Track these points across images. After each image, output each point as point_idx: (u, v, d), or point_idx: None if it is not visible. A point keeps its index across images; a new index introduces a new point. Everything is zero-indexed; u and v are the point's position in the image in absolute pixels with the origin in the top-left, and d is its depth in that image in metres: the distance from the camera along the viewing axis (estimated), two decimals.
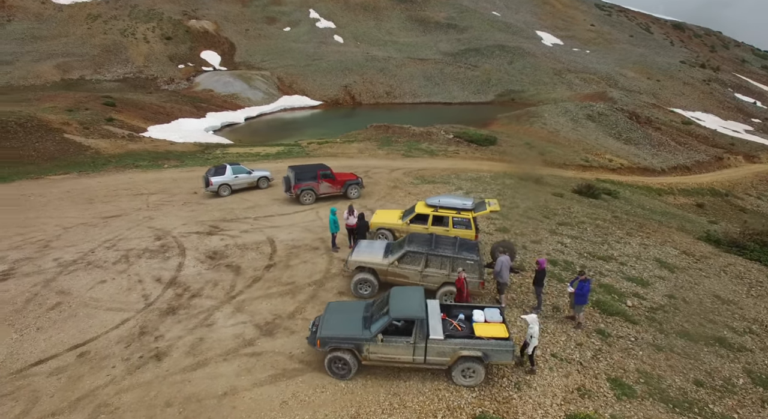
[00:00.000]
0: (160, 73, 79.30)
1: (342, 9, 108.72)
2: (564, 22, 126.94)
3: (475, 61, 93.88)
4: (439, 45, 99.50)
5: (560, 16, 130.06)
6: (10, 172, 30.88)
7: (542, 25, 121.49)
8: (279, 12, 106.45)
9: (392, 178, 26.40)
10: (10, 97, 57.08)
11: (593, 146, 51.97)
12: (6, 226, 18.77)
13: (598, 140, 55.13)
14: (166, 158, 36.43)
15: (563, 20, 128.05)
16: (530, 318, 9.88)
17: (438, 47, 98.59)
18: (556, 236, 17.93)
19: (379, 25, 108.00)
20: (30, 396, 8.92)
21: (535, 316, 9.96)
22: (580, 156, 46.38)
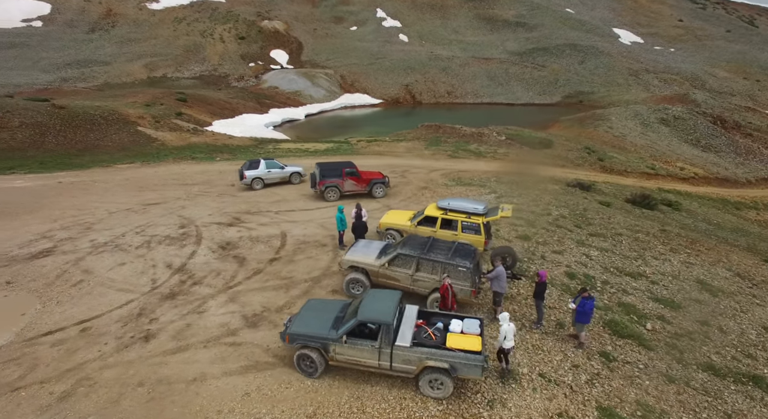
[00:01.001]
0: (232, 71, 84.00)
1: (409, 8, 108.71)
2: (647, 18, 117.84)
3: (542, 60, 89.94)
4: (505, 44, 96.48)
5: (643, 12, 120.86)
6: (88, 160, 34.29)
7: (621, 21, 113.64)
8: (347, 12, 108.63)
9: (427, 178, 26.01)
10: (104, 94, 63.36)
11: (663, 152, 47.84)
12: (67, 208, 20.86)
13: (670, 146, 50.69)
14: (221, 151, 38.57)
15: (646, 16, 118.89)
16: (502, 316, 9.58)
17: (504, 46, 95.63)
18: (583, 248, 16.70)
19: (445, 24, 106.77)
20: (30, 363, 9.85)
21: (507, 314, 9.63)
22: (645, 163, 42.87)
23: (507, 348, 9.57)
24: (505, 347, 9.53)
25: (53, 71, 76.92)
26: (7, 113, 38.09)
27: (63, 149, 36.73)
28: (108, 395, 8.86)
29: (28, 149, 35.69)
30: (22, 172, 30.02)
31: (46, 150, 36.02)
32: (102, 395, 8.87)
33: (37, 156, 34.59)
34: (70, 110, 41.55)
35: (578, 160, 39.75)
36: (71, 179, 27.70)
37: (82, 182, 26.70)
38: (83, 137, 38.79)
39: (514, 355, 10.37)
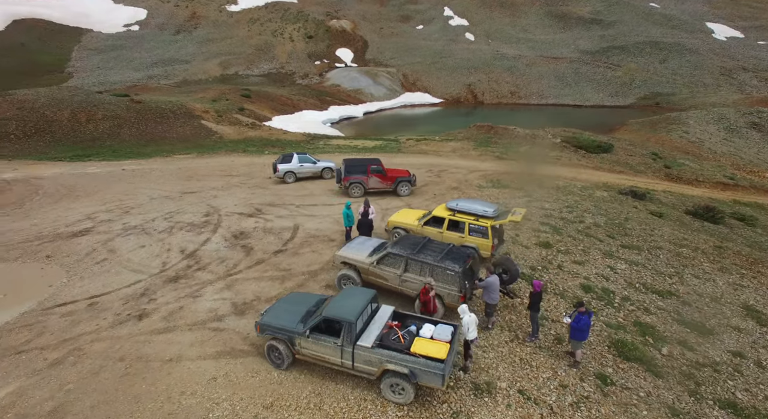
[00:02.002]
0: (298, 68, 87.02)
1: (477, 6, 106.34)
2: (751, 10, 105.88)
3: (618, 59, 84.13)
4: (578, 42, 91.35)
5: (747, 3, 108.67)
6: (152, 150, 37.21)
7: (717, 14, 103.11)
8: (414, 11, 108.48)
9: (462, 179, 25.28)
10: (180, 90, 68.36)
11: (750, 160, 42.88)
12: (119, 193, 22.77)
13: (760, 153, 45.36)
14: (272, 145, 40.13)
15: (750, 7, 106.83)
16: (461, 308, 9.44)
17: (576, 45, 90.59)
18: (610, 260, 15.36)
19: (514, 22, 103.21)
20: (39, 330, 10.83)
21: (466, 306, 9.48)
22: (723, 172, 38.60)
23: (471, 339, 9.42)
24: (469, 338, 9.38)
25: (142, 70, 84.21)
26: (94, 106, 42.31)
27: (135, 139, 40.13)
28: (91, 366, 9.51)
29: (107, 138, 39.39)
30: (97, 159, 33.19)
31: (121, 140, 39.56)
32: (86, 366, 9.54)
33: (112, 145, 38.09)
34: (145, 104, 45.28)
35: (640, 166, 36.70)
36: (133, 167, 30.17)
37: (141, 170, 28.97)
38: (153, 129, 42.12)
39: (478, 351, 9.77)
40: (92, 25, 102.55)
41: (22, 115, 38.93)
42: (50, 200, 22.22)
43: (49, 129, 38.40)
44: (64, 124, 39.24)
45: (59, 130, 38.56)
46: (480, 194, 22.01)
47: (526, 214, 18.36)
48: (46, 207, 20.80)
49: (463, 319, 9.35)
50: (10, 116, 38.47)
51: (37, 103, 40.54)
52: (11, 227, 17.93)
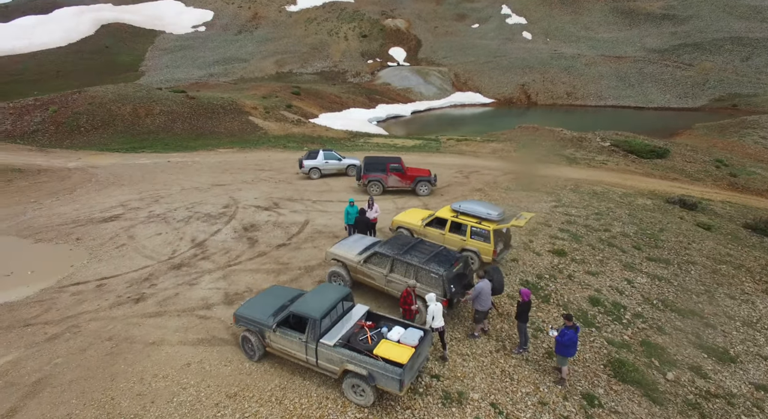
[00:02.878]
0: (351, 67, 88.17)
1: (537, 4, 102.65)
2: None
3: (690, 58, 78.01)
4: (645, 40, 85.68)
5: None
6: (199, 143, 39.17)
7: None
8: (470, 9, 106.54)
9: (491, 181, 24.46)
10: (236, 86, 71.43)
11: None
12: (156, 183, 24.17)
13: None
14: (313, 142, 40.92)
15: None
16: (429, 296, 9.53)
17: (643, 43, 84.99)
18: (629, 272, 14.21)
19: (576, 20, 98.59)
20: (48, 306, 11.70)
21: (433, 295, 9.59)
22: None
23: (436, 328, 9.52)
24: (434, 326, 9.46)
25: (205, 68, 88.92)
26: (153, 102, 45.21)
27: (186, 133, 42.42)
28: (81, 343, 10.12)
29: (161, 132, 41.96)
30: (149, 151, 35.44)
31: (173, 134, 41.98)
32: (77, 342, 10.17)
33: (165, 139, 40.52)
34: (198, 100, 47.75)
35: (699, 174, 33.75)
36: (178, 159, 31.90)
37: (184, 162, 30.57)
38: (203, 124, 44.32)
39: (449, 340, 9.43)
40: (165, 26, 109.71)
41: (92, 109, 42.35)
42: (98, 187, 23.99)
43: (112, 122, 41.50)
44: (126, 118, 42.25)
45: (121, 123, 41.57)
46: (505, 196, 21.19)
47: (546, 219, 17.53)
48: (91, 194, 22.46)
49: (429, 307, 9.36)
50: (82, 110, 41.98)
51: (105, 99, 43.93)
52: (57, 211, 19.53)
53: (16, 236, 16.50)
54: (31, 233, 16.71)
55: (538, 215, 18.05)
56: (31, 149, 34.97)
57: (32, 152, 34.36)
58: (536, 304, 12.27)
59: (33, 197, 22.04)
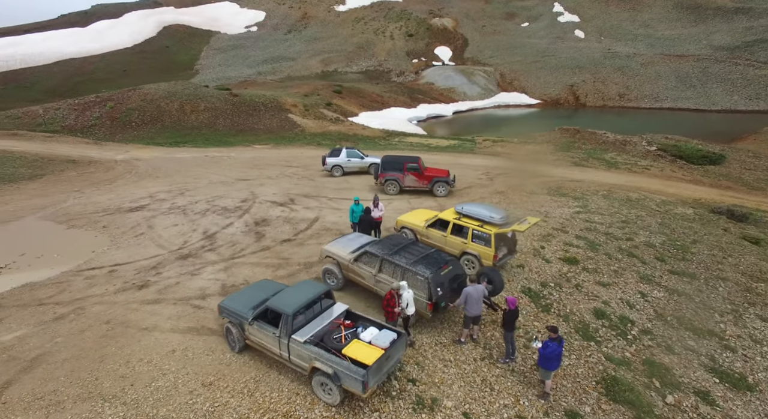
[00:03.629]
0: (395, 66, 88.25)
1: (592, 1, 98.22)
2: None
3: (765, 55, 71.78)
4: (711, 37, 79.88)
5: None
6: (238, 139, 40.61)
7: None
8: (520, 7, 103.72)
9: (515, 184, 23.65)
10: (282, 84, 73.36)
11: None
12: (188, 176, 25.29)
13: None
14: (347, 139, 41.31)
15: None
16: (402, 284, 9.70)
17: (709, 40, 79.27)
18: (645, 285, 13.29)
19: (634, 17, 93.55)
20: (63, 288, 12.51)
21: (405, 283, 9.78)
22: None
23: (409, 314, 9.78)
24: (408, 313, 9.74)
25: (254, 66, 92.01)
26: (199, 99, 47.36)
27: (227, 129, 44.10)
28: (81, 325, 10.75)
29: (204, 128, 43.88)
30: (189, 146, 37.17)
31: (215, 130, 43.77)
32: (78, 323, 10.80)
33: (207, 134, 42.32)
34: (241, 97, 49.47)
35: (758, 183, 31.04)
36: (215, 154, 33.22)
37: (219, 157, 31.79)
38: (244, 121, 45.89)
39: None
40: (220, 27, 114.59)
41: (143, 105, 44.97)
42: (135, 178, 25.43)
43: (161, 118, 43.86)
44: (173, 113, 44.51)
45: (168, 119, 43.85)
46: (526, 200, 20.43)
47: (563, 225, 16.75)
48: (128, 185, 23.84)
49: (403, 295, 9.52)
50: (134, 106, 44.67)
51: (156, 96, 46.49)
52: (93, 200, 20.88)
53: (53, 222, 17.80)
54: (66, 220, 17.95)
55: (555, 221, 17.28)
56: (88, 142, 37.57)
57: (89, 144, 36.91)
58: (534, 313, 11.74)
59: (78, 186, 23.68)
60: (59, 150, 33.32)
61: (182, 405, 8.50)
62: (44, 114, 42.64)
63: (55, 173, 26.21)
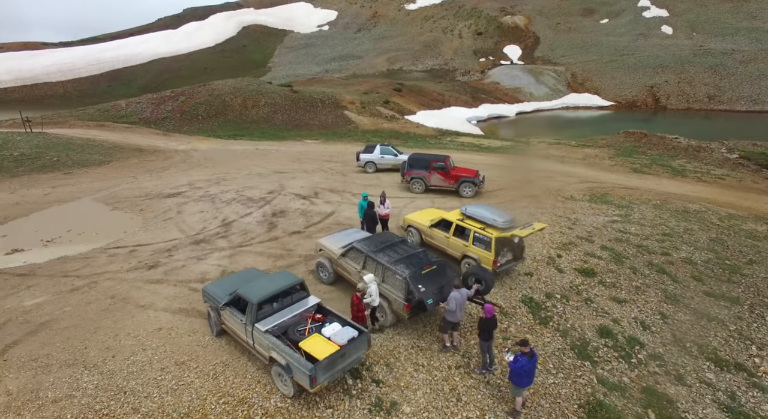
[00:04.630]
0: (461, 65, 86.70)
1: None
2: None
3: None
4: None
5: None
6: (291, 134, 42.05)
7: None
8: (600, 3, 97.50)
9: (556, 188, 22.24)
10: (345, 81, 74.93)
11: None
12: (232, 167, 26.58)
13: None
14: (397, 137, 41.27)
15: None
16: (368, 277, 9.86)
17: None
18: (669, 305, 11.89)
19: (737, 8, 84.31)
20: (87, 263, 13.67)
21: (371, 276, 9.94)
22: None
23: (375, 306, 10.01)
24: (374, 305, 9.96)
25: (322, 64, 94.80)
26: (260, 94, 49.68)
27: (283, 124, 45.83)
28: (89, 297, 11.66)
29: (262, 122, 45.94)
30: (245, 139, 39.10)
31: (272, 124, 45.67)
32: (87, 296, 11.74)
33: (264, 128, 44.27)
34: (300, 94, 51.16)
35: None
36: (266, 147, 34.65)
37: (268, 151, 33.10)
38: (300, 116, 47.42)
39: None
40: (294, 27, 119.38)
41: (210, 100, 48.01)
42: (186, 167, 27.20)
43: (224, 112, 46.57)
44: (236, 108, 47.06)
45: (231, 113, 46.44)
46: (559, 205, 19.12)
47: (589, 234, 15.54)
48: (178, 173, 25.55)
49: (369, 288, 9.68)
50: (202, 100, 47.83)
51: (222, 91, 49.44)
52: (142, 185, 22.62)
53: (102, 203, 19.52)
54: (113, 202, 19.62)
55: (582, 229, 16.01)
56: (158, 133, 40.84)
57: (158, 135, 40.12)
58: (529, 325, 10.95)
59: (135, 172, 25.80)
60: (132, 139, 36.51)
61: (150, 380, 8.93)
62: (126, 107, 46.96)
63: (120, 159, 28.74)
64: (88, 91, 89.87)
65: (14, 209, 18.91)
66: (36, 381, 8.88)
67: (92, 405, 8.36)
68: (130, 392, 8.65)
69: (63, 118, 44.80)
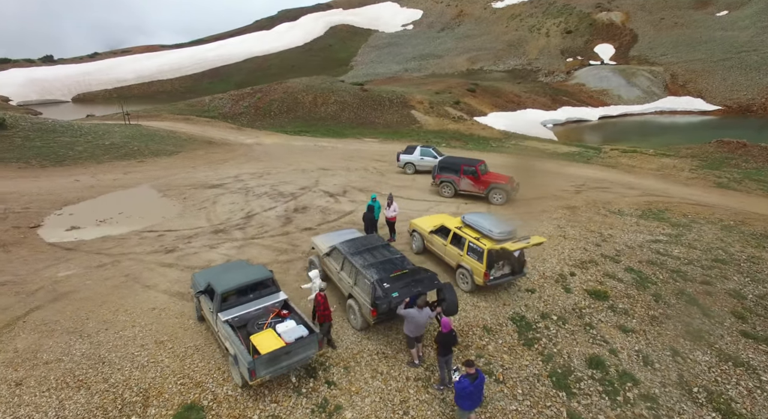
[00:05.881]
0: (545, 65, 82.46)
1: None
2: None
3: None
4: None
5: None
6: (353, 132, 42.97)
7: None
8: None
9: (606, 200, 20.38)
10: (421, 81, 74.79)
11: None
12: (283, 162, 27.85)
13: None
14: (459, 139, 40.44)
15: None
16: (312, 273, 10.09)
17: None
18: (689, 343, 10.35)
19: None
20: (119, 243, 15.19)
21: (317, 272, 10.10)
22: None
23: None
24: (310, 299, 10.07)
25: (402, 63, 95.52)
26: (331, 92, 51.39)
27: (349, 122, 46.96)
28: (108, 274, 12.96)
29: (329, 119, 47.48)
30: (308, 135, 40.72)
31: (338, 122, 47.00)
32: (107, 273, 13.05)
33: (329, 125, 45.73)
34: (370, 92, 52.02)
35: None
36: (324, 144, 35.82)
37: (325, 147, 34.18)
38: (367, 114, 48.24)
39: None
40: (379, 26, 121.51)
41: (284, 97, 50.68)
42: (243, 160, 29.01)
43: (295, 109, 48.87)
44: (306, 105, 49.15)
45: (301, 109, 48.60)
46: (599, 220, 17.46)
47: (617, 253, 14.10)
48: (232, 166, 27.34)
49: (316, 283, 9.93)
50: (276, 97, 50.65)
51: (296, 89, 51.92)
52: (196, 175, 24.56)
53: (156, 190, 21.54)
54: (165, 189, 21.55)
55: (611, 247, 14.52)
56: (233, 127, 43.99)
57: (232, 129, 43.23)
58: (509, 345, 10.22)
59: (196, 163, 28.07)
60: (209, 133, 39.72)
61: (128, 354, 9.72)
62: (209, 103, 51.18)
63: (189, 151, 31.43)
64: (192, 87, 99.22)
65: (88, 191, 21.53)
66: (39, 343, 10.09)
67: (74, 370, 9.30)
68: (107, 363, 9.50)
69: (158, 112, 49.97)
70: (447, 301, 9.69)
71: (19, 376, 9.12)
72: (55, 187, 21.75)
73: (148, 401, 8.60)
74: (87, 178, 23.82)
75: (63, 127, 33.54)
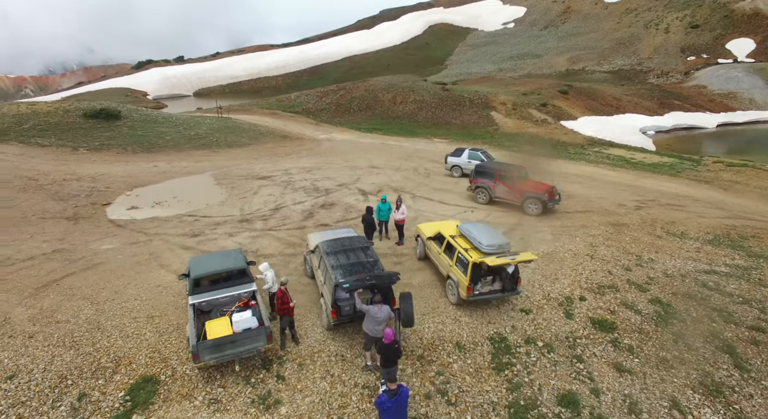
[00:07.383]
0: (659, 65, 74.27)
1: None
2: None
3: None
4: None
5: None
6: (425, 131, 42.55)
7: None
8: None
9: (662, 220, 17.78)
10: (512, 81, 71.68)
11: None
12: (342, 157, 28.58)
13: None
14: (533, 143, 38.09)
15: None
16: (263, 266, 10.47)
17: None
18: (699, 396, 8.69)
19: None
20: (159, 224, 16.78)
21: (267, 264, 10.54)
22: None
23: (273, 293, 10.52)
24: (272, 291, 10.54)
25: (497, 63, 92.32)
26: (411, 91, 51.41)
27: (425, 121, 46.56)
28: (138, 251, 14.41)
29: (405, 118, 47.55)
30: (379, 133, 41.20)
31: (414, 120, 46.86)
32: (138, 249, 14.52)
33: (403, 124, 45.78)
34: (450, 92, 51.07)
35: None
36: (392, 143, 36.03)
37: (390, 146, 34.36)
38: (444, 114, 47.43)
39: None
40: (478, 25, 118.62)
41: (365, 95, 51.85)
42: (305, 154, 30.32)
43: (373, 106, 49.73)
44: (385, 103, 49.75)
45: (379, 107, 49.31)
46: (651, 241, 15.29)
47: (647, 282, 12.41)
48: (291, 160, 28.69)
49: (266, 275, 10.46)
50: (358, 95, 51.99)
51: (377, 87, 52.81)
52: (254, 166, 26.19)
53: (212, 178, 23.43)
54: (221, 178, 23.33)
55: (644, 274, 12.68)
56: (311, 122, 46.11)
57: (311, 124, 45.33)
58: (476, 367, 9.45)
59: (261, 155, 29.95)
60: (288, 127, 42.10)
61: (120, 324, 10.77)
62: (295, 99, 54.15)
63: (260, 143, 33.63)
64: (293, 84, 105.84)
65: (160, 176, 24.11)
66: (59, 304, 11.59)
67: (73, 332, 10.54)
68: (101, 329, 10.61)
69: (250, 106, 54.15)
70: (403, 311, 9.24)
71: (34, 330, 10.55)
72: (136, 170, 24.68)
73: (117, 368, 9.43)
74: (163, 164, 26.65)
75: (164, 118, 37.85)
